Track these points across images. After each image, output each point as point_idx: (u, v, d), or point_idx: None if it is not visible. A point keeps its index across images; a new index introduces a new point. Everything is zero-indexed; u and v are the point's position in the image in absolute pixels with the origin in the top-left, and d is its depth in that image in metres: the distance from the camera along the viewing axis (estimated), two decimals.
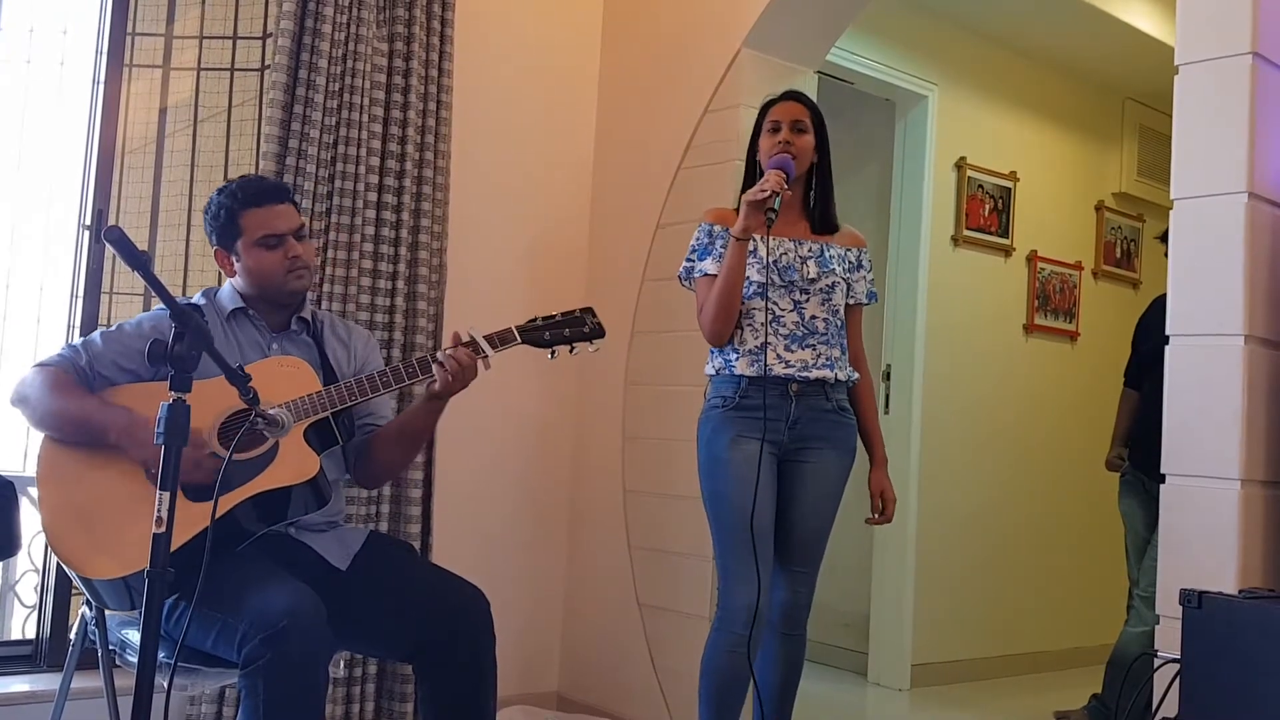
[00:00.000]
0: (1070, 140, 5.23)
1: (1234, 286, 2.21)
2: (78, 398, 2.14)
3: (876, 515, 2.74)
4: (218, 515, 2.05)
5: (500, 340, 2.28)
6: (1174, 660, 1.92)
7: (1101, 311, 5.31)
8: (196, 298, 2.40)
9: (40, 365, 2.20)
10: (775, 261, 2.61)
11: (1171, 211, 2.34)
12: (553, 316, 2.33)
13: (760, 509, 2.54)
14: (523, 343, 2.30)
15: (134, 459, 2.11)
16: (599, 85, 3.86)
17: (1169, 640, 2.07)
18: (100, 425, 2.11)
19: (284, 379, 2.21)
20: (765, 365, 2.57)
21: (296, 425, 2.16)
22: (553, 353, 2.32)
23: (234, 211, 2.29)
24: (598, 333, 2.34)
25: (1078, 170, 5.28)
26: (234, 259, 2.32)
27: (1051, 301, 5.10)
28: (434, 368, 2.22)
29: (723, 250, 2.61)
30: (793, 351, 2.60)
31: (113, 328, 2.30)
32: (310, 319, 2.42)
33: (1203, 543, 2.19)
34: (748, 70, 3.34)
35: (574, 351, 2.33)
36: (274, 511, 2.16)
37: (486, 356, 2.25)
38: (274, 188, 2.36)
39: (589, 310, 2.36)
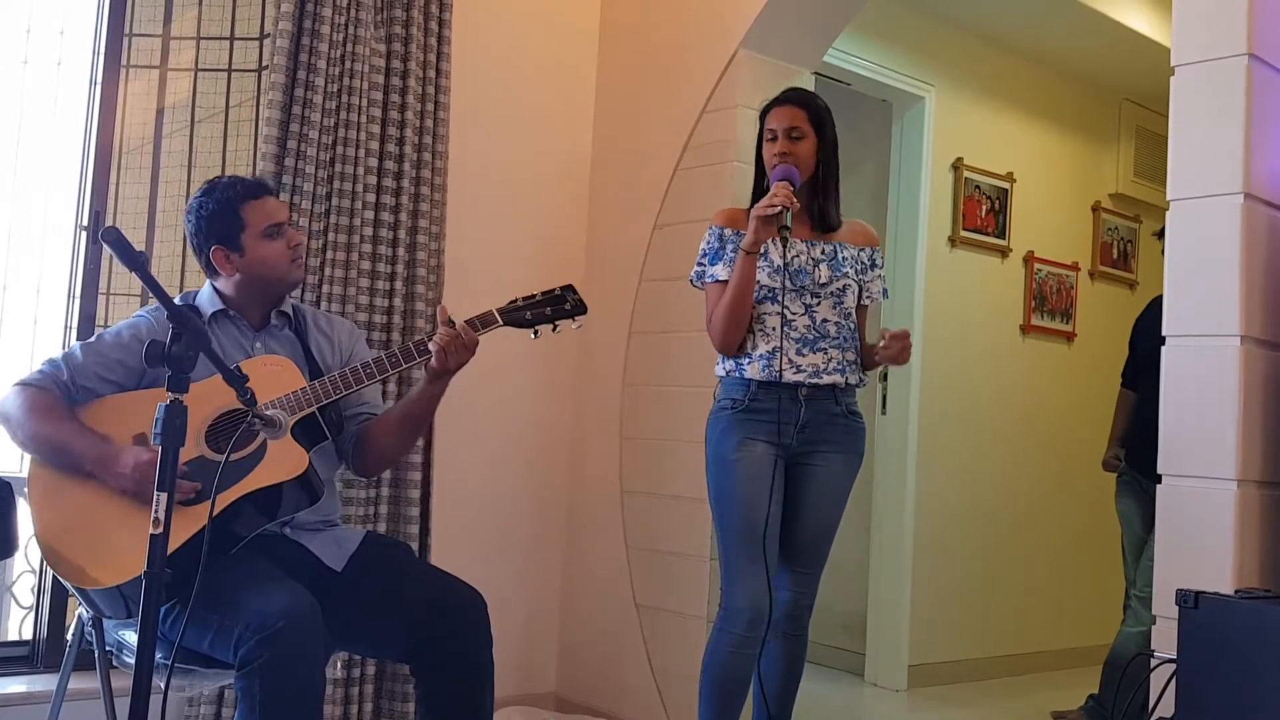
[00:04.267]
0: (1067, 141, 5.24)
1: (1230, 287, 2.21)
2: (56, 422, 2.13)
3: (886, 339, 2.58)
4: (212, 517, 2.05)
5: (482, 323, 2.28)
6: (1170, 660, 1.92)
7: (1098, 312, 5.31)
8: (175, 301, 2.39)
9: (21, 384, 2.18)
10: (787, 265, 2.60)
11: (1168, 212, 2.34)
12: (533, 296, 2.32)
13: (768, 513, 2.54)
14: (505, 324, 2.30)
15: (111, 487, 2.10)
16: (596, 86, 3.86)
17: (1165, 640, 2.08)
18: (77, 454, 2.11)
19: (269, 378, 2.20)
20: (775, 370, 2.56)
21: None
22: (535, 332, 2.31)
23: (235, 204, 2.28)
24: (579, 309, 2.32)
25: (1075, 171, 5.28)
26: (236, 255, 2.29)
27: (1048, 302, 5.10)
28: (430, 345, 2.21)
29: (733, 256, 2.60)
30: (804, 356, 2.59)
31: (93, 338, 2.29)
32: (291, 313, 2.41)
33: (1199, 543, 2.20)
34: (745, 71, 3.34)
35: (556, 330, 2.32)
36: (266, 510, 2.16)
37: None
38: (262, 183, 2.39)
39: (569, 288, 2.35)
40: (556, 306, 2.31)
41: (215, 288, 2.35)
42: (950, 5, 4.54)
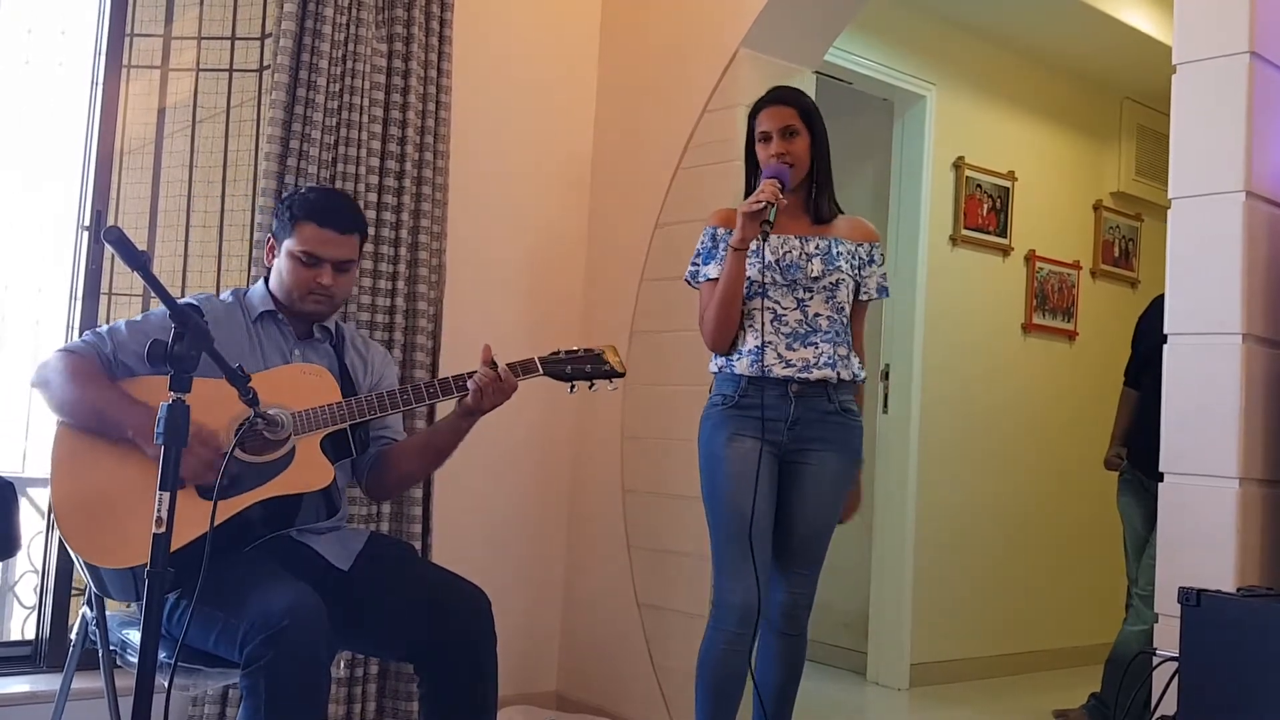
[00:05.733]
0: (1068, 140, 5.24)
1: (1232, 285, 2.21)
2: (98, 388, 2.13)
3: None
4: (229, 516, 2.07)
5: (523, 369, 2.32)
6: (1172, 658, 1.92)
7: (1100, 311, 5.31)
8: (225, 295, 2.42)
9: (65, 350, 2.19)
10: (778, 260, 2.60)
11: (1169, 211, 2.34)
12: (575, 351, 2.36)
13: (757, 509, 2.53)
14: (544, 374, 2.33)
15: (150, 457, 2.10)
16: (597, 85, 3.86)
17: (1167, 638, 2.08)
18: (118, 420, 2.10)
19: (306, 386, 2.23)
20: (764, 365, 2.57)
21: (314, 434, 2.18)
22: (572, 387, 2.36)
23: (296, 215, 2.32)
24: (617, 372, 2.36)
25: (1076, 170, 5.28)
26: (273, 252, 2.37)
27: (1050, 301, 5.10)
28: (468, 383, 2.26)
29: (725, 255, 2.60)
30: (794, 350, 2.58)
31: (138, 318, 2.30)
32: (333, 330, 2.45)
33: (1201, 541, 2.20)
34: (746, 70, 3.34)
35: (593, 388, 2.36)
36: (284, 517, 2.18)
37: None
38: (348, 219, 2.34)
39: (612, 349, 2.39)
40: (596, 365, 2.35)
41: (265, 286, 2.39)
42: (952, 4, 4.54)
